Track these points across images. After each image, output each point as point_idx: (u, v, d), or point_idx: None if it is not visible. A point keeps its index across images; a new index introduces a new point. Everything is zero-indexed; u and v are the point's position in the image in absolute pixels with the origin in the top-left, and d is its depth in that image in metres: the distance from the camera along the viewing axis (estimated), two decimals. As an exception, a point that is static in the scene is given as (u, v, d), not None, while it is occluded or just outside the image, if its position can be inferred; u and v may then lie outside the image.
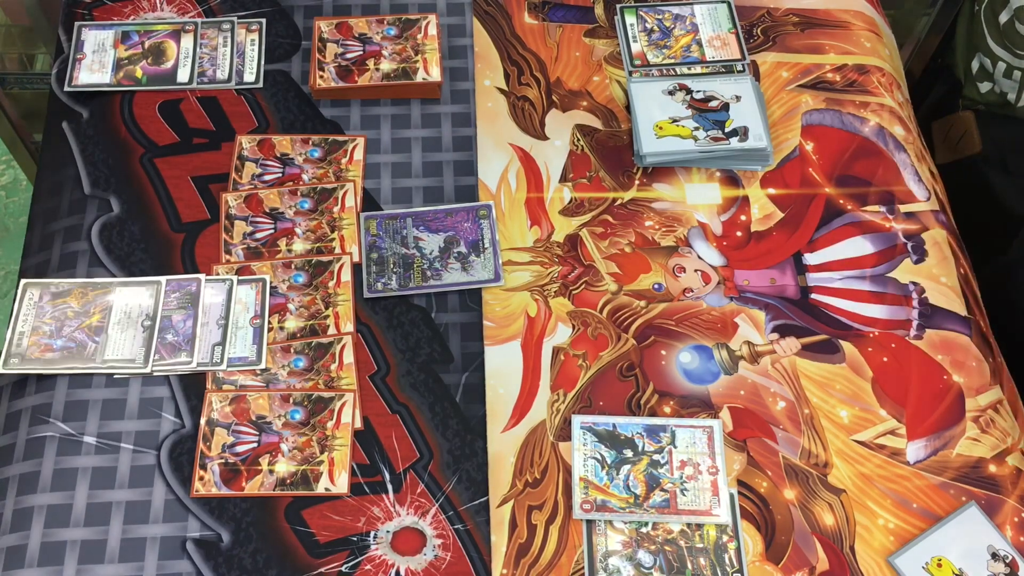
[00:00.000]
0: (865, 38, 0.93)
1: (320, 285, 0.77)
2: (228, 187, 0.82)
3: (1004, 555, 0.67)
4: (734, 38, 0.90)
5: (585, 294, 0.78)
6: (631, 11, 0.92)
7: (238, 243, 0.79)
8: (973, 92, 1.05)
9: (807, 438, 0.72)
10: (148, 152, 0.84)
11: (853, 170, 0.85)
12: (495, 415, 0.73)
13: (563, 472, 0.70)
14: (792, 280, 0.80)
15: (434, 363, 0.75)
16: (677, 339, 0.76)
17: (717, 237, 0.81)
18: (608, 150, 0.85)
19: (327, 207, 0.81)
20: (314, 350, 0.74)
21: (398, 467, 0.70)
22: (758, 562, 0.68)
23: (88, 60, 0.88)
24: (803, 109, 0.88)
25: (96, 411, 0.72)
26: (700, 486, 0.69)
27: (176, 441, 0.71)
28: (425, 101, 0.88)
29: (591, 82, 0.89)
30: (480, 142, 0.85)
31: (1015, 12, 0.97)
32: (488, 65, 0.90)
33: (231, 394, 0.72)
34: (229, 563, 0.67)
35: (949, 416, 0.74)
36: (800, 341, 0.76)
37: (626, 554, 0.67)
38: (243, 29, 0.90)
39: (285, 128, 0.86)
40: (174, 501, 0.69)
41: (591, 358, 0.75)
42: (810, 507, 0.70)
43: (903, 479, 0.71)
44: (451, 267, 0.78)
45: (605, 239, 0.81)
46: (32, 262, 0.79)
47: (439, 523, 0.68)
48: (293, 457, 0.70)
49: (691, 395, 0.74)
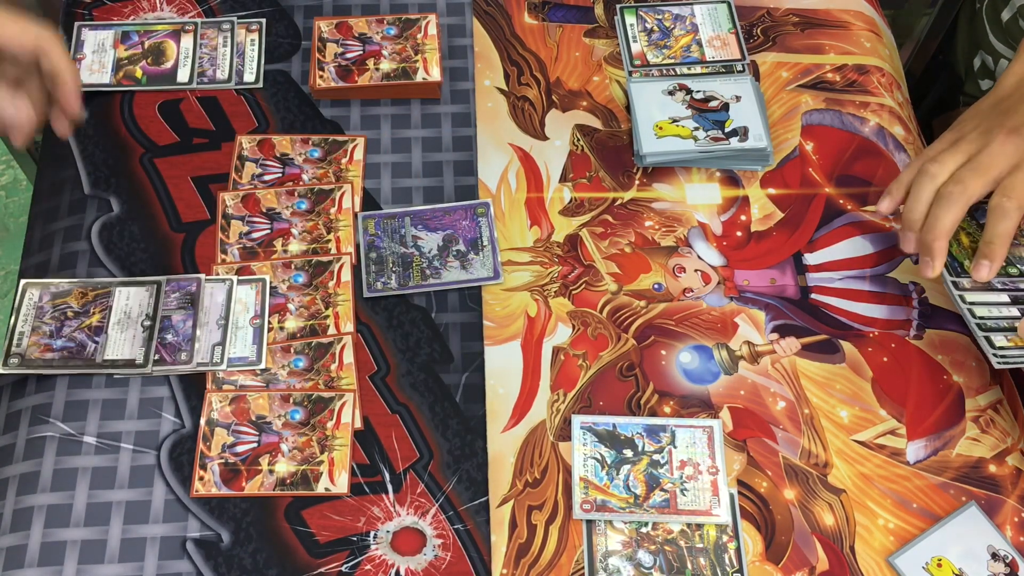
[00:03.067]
0: (865, 38, 0.93)
1: (320, 285, 0.77)
2: (228, 187, 0.82)
3: (1004, 555, 0.67)
4: (734, 38, 0.90)
5: (585, 294, 0.78)
6: (631, 11, 0.92)
7: (234, 243, 0.79)
8: (974, 89, 1.05)
9: (807, 438, 0.72)
10: (148, 152, 0.84)
11: (853, 170, 0.85)
12: (495, 415, 0.73)
13: (563, 472, 0.70)
14: (792, 280, 0.80)
15: (434, 363, 0.75)
16: (677, 339, 0.76)
17: (717, 237, 0.81)
18: (608, 150, 0.85)
19: (324, 208, 0.81)
20: (314, 350, 0.74)
21: (398, 467, 0.71)
22: (758, 562, 0.68)
23: (88, 60, 0.88)
24: (803, 109, 0.88)
25: (96, 411, 0.72)
26: (700, 486, 0.69)
27: (176, 441, 0.71)
28: (425, 101, 0.88)
29: (591, 82, 0.89)
30: (480, 142, 0.85)
31: (1017, 10, 0.97)
32: (488, 65, 0.90)
33: (231, 394, 0.72)
34: (229, 563, 0.67)
35: (949, 416, 0.74)
36: (800, 341, 0.76)
37: (626, 554, 0.67)
38: (243, 29, 0.90)
39: (285, 128, 0.86)
40: (174, 501, 0.69)
41: (591, 358, 0.75)
42: (810, 507, 0.70)
43: (903, 479, 0.71)
44: (450, 265, 0.78)
45: (605, 239, 0.81)
46: (32, 262, 0.79)
47: (439, 523, 0.69)
48: (293, 457, 0.70)
49: (691, 395, 0.74)
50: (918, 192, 0.72)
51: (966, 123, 0.74)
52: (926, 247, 0.71)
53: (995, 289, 0.72)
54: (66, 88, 0.63)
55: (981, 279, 0.71)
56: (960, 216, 0.70)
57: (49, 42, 0.62)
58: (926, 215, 0.71)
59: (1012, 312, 0.71)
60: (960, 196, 0.69)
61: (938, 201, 0.70)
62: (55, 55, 0.62)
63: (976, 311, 0.71)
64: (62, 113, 0.65)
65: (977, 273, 0.70)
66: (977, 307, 0.71)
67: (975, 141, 0.71)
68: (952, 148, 0.72)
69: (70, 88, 0.63)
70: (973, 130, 0.72)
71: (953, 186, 0.70)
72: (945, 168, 0.71)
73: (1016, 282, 0.72)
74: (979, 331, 0.69)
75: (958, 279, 0.72)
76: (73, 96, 0.64)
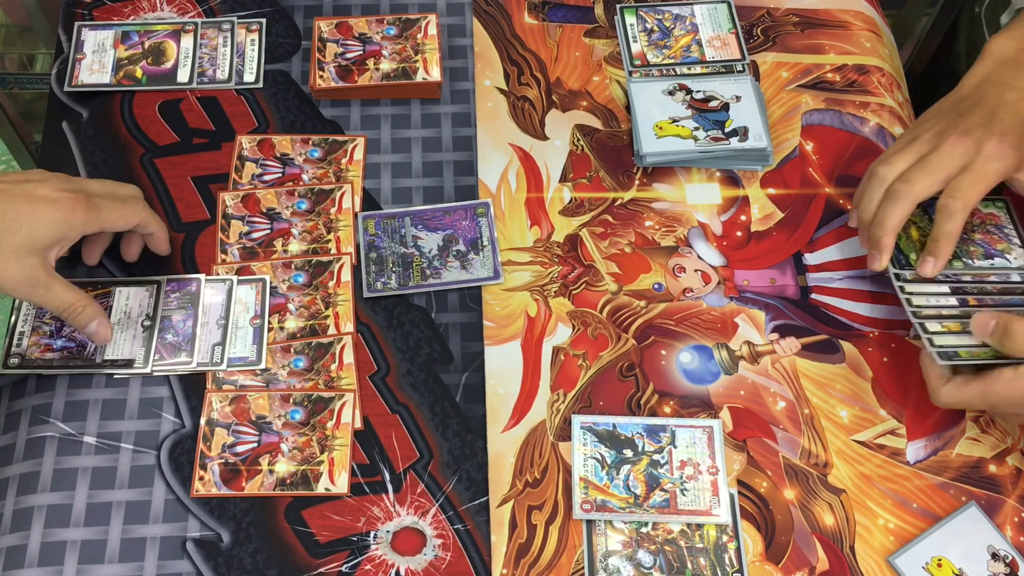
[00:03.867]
0: (865, 38, 0.93)
1: (320, 285, 0.77)
2: (228, 187, 0.82)
3: (1004, 555, 0.67)
4: (734, 38, 0.90)
5: (585, 294, 0.78)
6: (631, 11, 0.92)
7: (234, 243, 0.79)
8: None
9: (807, 438, 0.72)
10: (148, 152, 0.84)
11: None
12: (495, 415, 0.73)
13: (563, 472, 0.70)
14: (792, 280, 0.80)
15: (434, 363, 0.75)
16: (677, 339, 0.76)
17: (717, 237, 0.81)
18: (608, 150, 0.85)
19: (324, 208, 0.81)
20: (314, 350, 0.74)
21: (398, 467, 0.71)
22: (758, 562, 0.68)
23: (88, 60, 0.88)
24: (803, 109, 0.88)
25: (96, 411, 0.72)
26: (700, 486, 0.69)
27: (176, 441, 0.71)
28: (425, 101, 0.88)
29: (591, 82, 0.89)
30: (480, 142, 0.86)
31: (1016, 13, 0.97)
32: (488, 65, 0.90)
33: (231, 394, 0.72)
34: (229, 563, 0.67)
35: (949, 416, 0.74)
36: (800, 341, 0.76)
37: (626, 554, 0.67)
38: (243, 29, 0.90)
39: (285, 128, 0.86)
40: (174, 501, 0.69)
41: (591, 358, 0.75)
42: (810, 507, 0.70)
43: (903, 479, 0.71)
44: (450, 265, 0.78)
45: (605, 239, 0.81)
46: (32, 262, 0.79)
47: (439, 523, 0.69)
48: (293, 457, 0.70)
49: (691, 395, 0.74)
50: (868, 193, 0.74)
51: (924, 123, 0.75)
52: (874, 242, 0.73)
53: (936, 280, 0.73)
54: (159, 244, 0.76)
55: (926, 275, 0.72)
56: (907, 213, 0.71)
57: (143, 216, 0.74)
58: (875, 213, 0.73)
59: (950, 302, 0.72)
60: (907, 194, 0.71)
61: (886, 198, 0.72)
62: (151, 226, 0.75)
63: (913, 300, 0.72)
64: (154, 251, 0.78)
65: (922, 269, 0.72)
66: (915, 296, 0.72)
67: (929, 142, 0.73)
68: (905, 149, 0.73)
69: (163, 243, 0.76)
70: (929, 130, 0.73)
71: (901, 185, 0.71)
72: (895, 169, 0.73)
73: (959, 274, 0.74)
74: (914, 318, 0.71)
75: (901, 271, 0.74)
76: (164, 247, 0.77)
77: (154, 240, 0.76)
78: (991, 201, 0.79)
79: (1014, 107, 0.72)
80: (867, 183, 0.75)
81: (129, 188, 0.75)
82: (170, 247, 0.77)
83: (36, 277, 0.67)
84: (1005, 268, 0.74)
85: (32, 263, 0.66)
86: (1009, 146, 0.70)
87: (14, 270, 0.66)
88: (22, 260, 0.66)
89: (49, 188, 0.68)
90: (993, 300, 0.72)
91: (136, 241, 0.76)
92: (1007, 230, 0.77)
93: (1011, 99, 0.72)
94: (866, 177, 0.76)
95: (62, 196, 0.68)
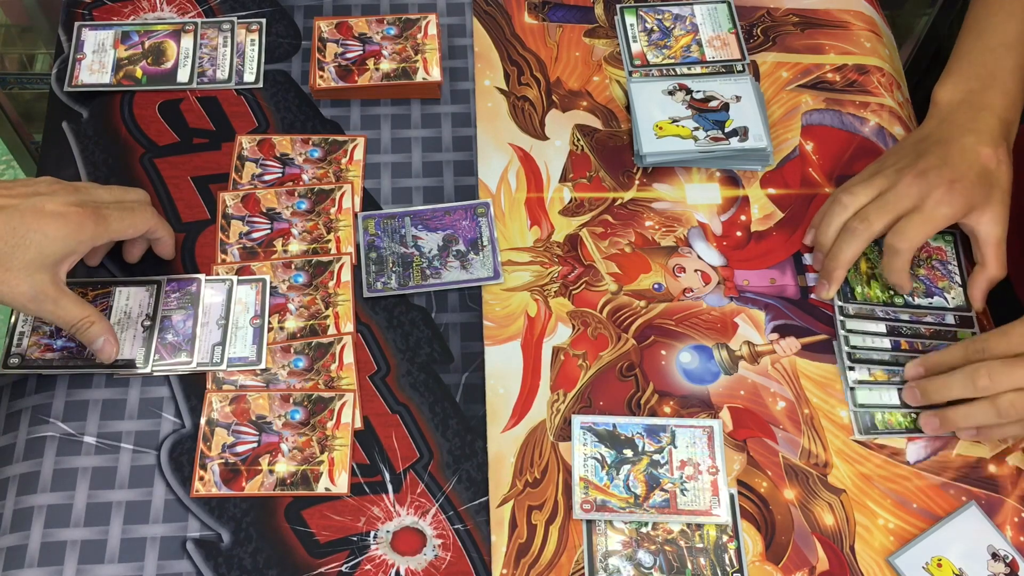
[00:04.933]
0: (865, 38, 0.93)
1: (320, 285, 0.77)
2: (228, 187, 0.82)
3: (1004, 555, 0.67)
4: (734, 38, 0.90)
5: (585, 294, 0.78)
6: (631, 11, 0.92)
7: (234, 243, 0.79)
8: None
9: (807, 438, 0.72)
10: (148, 152, 0.84)
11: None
12: (495, 415, 0.73)
13: (563, 472, 0.70)
14: (792, 280, 0.80)
15: (434, 363, 0.75)
16: (677, 339, 0.76)
17: (717, 237, 0.81)
18: (608, 150, 0.85)
19: (324, 208, 0.81)
20: (314, 350, 0.74)
21: (398, 467, 0.71)
22: (758, 562, 0.68)
23: (88, 60, 0.88)
24: (803, 109, 0.88)
25: (96, 411, 0.72)
26: (700, 486, 0.69)
27: (176, 441, 0.71)
28: (425, 101, 0.88)
29: (591, 82, 0.89)
30: (480, 142, 0.86)
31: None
32: (488, 65, 0.90)
33: (231, 394, 0.72)
34: (229, 563, 0.67)
35: (949, 416, 0.74)
36: (800, 341, 0.77)
37: (626, 554, 0.67)
38: (243, 29, 0.90)
39: (285, 128, 0.86)
40: (174, 501, 0.69)
41: (591, 358, 0.75)
42: (810, 507, 0.70)
43: (903, 479, 0.71)
44: (450, 265, 0.78)
45: (605, 239, 0.81)
46: (32, 262, 0.79)
47: (439, 523, 0.69)
48: (293, 457, 0.70)
49: (691, 395, 0.74)
50: (830, 219, 0.77)
51: (888, 158, 0.78)
52: (827, 272, 0.76)
53: (876, 318, 0.76)
54: (166, 249, 0.77)
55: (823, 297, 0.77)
56: (860, 250, 0.75)
57: (152, 223, 0.74)
58: (834, 241, 0.76)
59: (884, 344, 0.75)
60: (864, 232, 0.74)
61: (843, 234, 0.75)
62: (159, 232, 0.75)
63: (851, 339, 0.75)
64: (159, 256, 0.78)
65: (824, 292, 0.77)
66: (852, 335, 0.75)
67: (889, 177, 0.75)
68: (868, 181, 0.76)
69: (169, 248, 0.77)
70: (891, 166, 0.76)
71: (858, 223, 0.74)
72: (857, 200, 0.76)
73: (897, 313, 0.76)
74: (847, 359, 0.74)
75: (844, 304, 0.77)
76: (170, 252, 0.78)
77: (161, 245, 0.76)
78: (941, 235, 0.80)
79: (972, 151, 0.74)
80: (829, 208, 0.77)
81: (137, 193, 0.75)
82: (175, 252, 0.78)
83: (46, 293, 0.67)
84: (942, 309, 0.76)
85: (42, 279, 0.67)
86: (958, 193, 0.72)
87: (24, 286, 0.66)
88: (32, 276, 0.66)
89: (58, 202, 0.68)
90: (923, 345, 0.75)
91: (139, 244, 0.77)
92: (951, 267, 0.79)
93: (969, 143, 0.75)
94: (829, 201, 0.78)
95: (71, 211, 0.68)
